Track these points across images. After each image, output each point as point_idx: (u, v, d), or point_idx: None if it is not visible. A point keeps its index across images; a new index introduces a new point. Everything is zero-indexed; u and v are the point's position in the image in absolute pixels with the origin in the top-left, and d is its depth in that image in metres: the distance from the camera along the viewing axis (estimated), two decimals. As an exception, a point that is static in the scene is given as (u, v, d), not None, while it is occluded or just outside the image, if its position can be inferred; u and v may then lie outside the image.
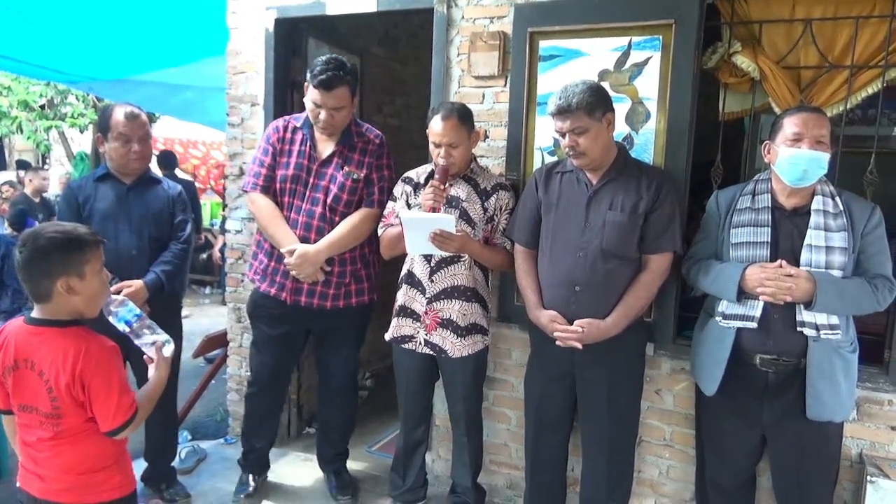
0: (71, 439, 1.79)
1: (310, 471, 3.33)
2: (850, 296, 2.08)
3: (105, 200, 2.81)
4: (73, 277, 1.74)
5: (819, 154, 2.07)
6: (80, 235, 1.78)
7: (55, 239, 1.73)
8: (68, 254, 1.74)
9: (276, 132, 2.88)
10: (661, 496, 2.78)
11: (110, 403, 1.76)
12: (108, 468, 1.86)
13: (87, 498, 1.83)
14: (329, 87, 2.65)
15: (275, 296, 2.85)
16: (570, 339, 2.32)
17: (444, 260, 2.62)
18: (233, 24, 3.50)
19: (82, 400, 1.75)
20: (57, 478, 1.81)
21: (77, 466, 1.81)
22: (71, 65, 4.99)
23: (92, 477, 1.83)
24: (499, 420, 3.03)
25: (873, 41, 2.43)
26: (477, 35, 2.85)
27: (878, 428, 2.42)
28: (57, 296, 1.74)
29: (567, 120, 2.25)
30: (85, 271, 1.76)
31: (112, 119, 2.77)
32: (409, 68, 4.91)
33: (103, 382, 1.75)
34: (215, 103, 5.09)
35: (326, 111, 2.69)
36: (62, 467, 1.80)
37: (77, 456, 1.80)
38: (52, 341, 1.76)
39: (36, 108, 9.41)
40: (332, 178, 2.80)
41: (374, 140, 2.91)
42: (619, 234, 2.32)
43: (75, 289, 1.75)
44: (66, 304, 1.76)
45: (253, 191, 2.87)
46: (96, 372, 1.74)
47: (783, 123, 2.14)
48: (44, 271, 1.73)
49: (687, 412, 2.66)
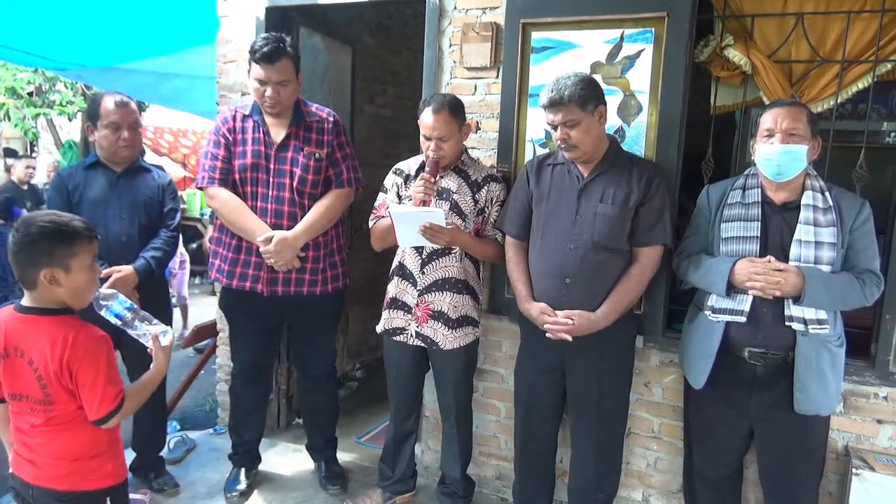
0: (62, 426, 1.79)
1: (300, 461, 3.34)
2: (838, 290, 2.10)
3: (95, 188, 2.80)
4: (57, 269, 1.72)
5: (789, 147, 2.07)
6: (72, 227, 1.76)
7: (45, 228, 1.72)
8: (55, 245, 1.72)
9: (224, 123, 2.81)
10: (649, 487, 2.80)
11: (96, 392, 1.76)
12: (101, 455, 1.86)
13: (79, 485, 1.84)
14: (271, 59, 2.61)
15: (249, 290, 2.79)
16: (560, 331, 2.33)
17: (435, 252, 2.62)
18: (223, 12, 3.47)
19: (71, 388, 1.75)
20: (50, 464, 1.81)
21: (69, 453, 1.81)
22: (59, 52, 4.94)
23: (85, 464, 1.83)
24: (488, 411, 3.04)
25: (864, 36, 2.44)
26: (469, 26, 2.84)
27: (863, 421, 2.45)
28: (41, 285, 1.73)
29: (559, 112, 2.24)
30: (71, 264, 1.74)
31: (101, 107, 2.76)
32: (401, 58, 4.89)
33: (90, 371, 1.75)
34: (205, 92, 5.04)
35: (272, 86, 2.65)
36: (55, 454, 1.81)
37: (69, 442, 1.81)
38: (40, 329, 1.75)
39: (24, 96, 9.32)
40: (294, 160, 2.76)
41: (329, 118, 2.87)
42: (610, 226, 2.32)
43: (59, 280, 1.73)
44: (50, 294, 1.76)
45: (211, 185, 2.77)
46: (84, 360, 1.74)
47: (759, 120, 2.17)
48: (29, 259, 1.72)
49: (675, 404, 2.68)
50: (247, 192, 2.77)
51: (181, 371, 4.15)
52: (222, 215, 2.80)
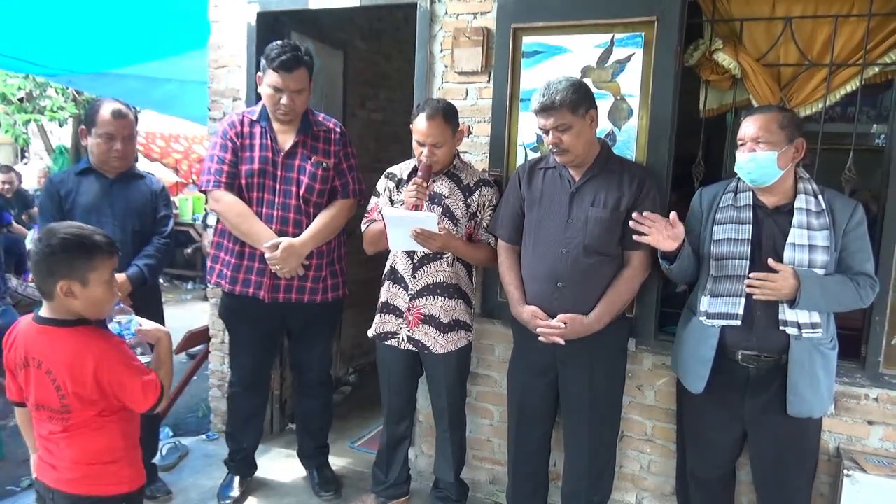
0: (80, 432, 1.82)
1: (293, 467, 3.32)
2: (833, 292, 2.10)
3: (88, 194, 2.78)
4: (74, 282, 1.73)
5: (755, 155, 2.10)
6: (93, 241, 1.76)
7: (66, 241, 1.73)
8: (74, 257, 1.73)
9: (232, 127, 2.79)
10: (642, 490, 2.81)
11: (136, 389, 1.81)
12: (118, 461, 1.89)
13: (97, 489, 1.86)
14: (290, 68, 2.61)
15: (252, 295, 2.79)
16: (553, 335, 2.33)
17: (426, 257, 2.62)
18: (214, 17, 3.47)
19: (94, 398, 1.78)
20: (68, 468, 1.84)
21: (87, 458, 1.84)
22: (50, 57, 4.92)
23: (102, 468, 1.86)
24: (481, 415, 3.04)
25: (852, 39, 2.45)
26: (460, 31, 2.85)
27: (854, 422, 2.46)
28: (57, 297, 1.74)
29: (550, 117, 2.25)
30: (89, 278, 1.74)
31: (98, 115, 2.73)
32: (392, 63, 4.89)
33: (123, 374, 1.79)
34: (196, 97, 5.03)
35: (288, 95, 2.66)
36: (73, 458, 1.84)
37: (86, 448, 1.84)
38: (58, 341, 1.77)
39: (14, 102, 9.28)
40: (301, 168, 2.77)
41: (335, 129, 2.89)
42: (602, 230, 2.33)
43: (75, 293, 1.74)
44: (66, 306, 1.76)
45: (216, 188, 2.75)
46: (114, 367, 1.78)
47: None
48: (48, 270, 1.73)
49: (668, 407, 2.69)
50: (252, 198, 2.77)
51: (174, 377, 4.13)
52: (227, 219, 2.79)
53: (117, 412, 1.85)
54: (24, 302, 5.20)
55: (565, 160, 2.35)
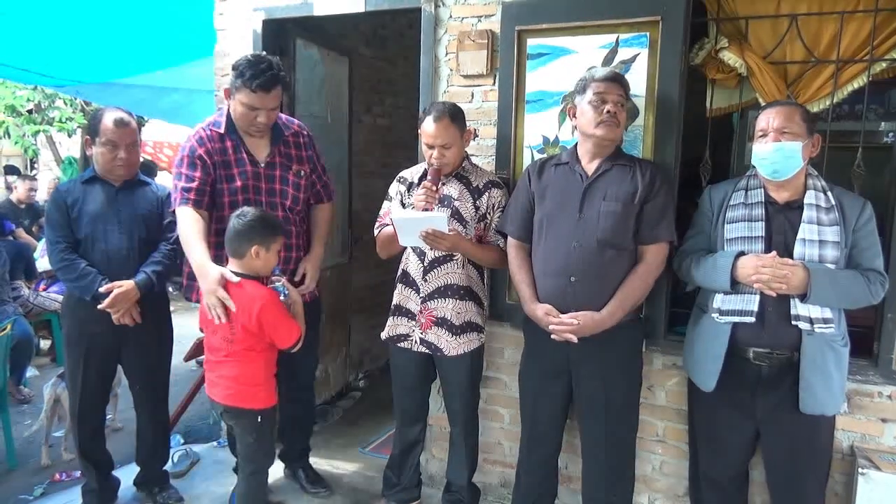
0: (238, 358, 2.46)
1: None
2: (843, 287, 2.09)
3: (94, 202, 2.80)
4: (261, 247, 2.42)
5: (781, 144, 2.09)
6: (277, 221, 2.55)
7: (263, 217, 2.46)
8: (267, 229, 2.43)
9: (202, 144, 2.68)
10: (655, 492, 2.79)
11: (283, 331, 2.46)
12: (259, 385, 2.51)
13: (242, 403, 2.50)
14: (268, 88, 2.57)
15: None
16: (565, 332, 2.32)
17: (437, 259, 2.62)
18: (220, 25, 3.49)
19: (255, 331, 2.40)
20: (225, 385, 2.50)
21: (238, 378, 2.48)
22: (58, 68, 4.96)
23: (248, 389, 2.49)
24: (492, 418, 3.03)
25: (858, 36, 2.44)
26: (465, 34, 2.86)
27: (868, 420, 2.44)
28: (248, 256, 2.42)
29: (616, 89, 2.30)
30: (271, 246, 2.45)
31: (101, 124, 2.75)
32: (397, 68, 4.91)
33: (277, 318, 2.44)
34: (204, 105, 5.05)
35: (265, 113, 2.62)
36: (229, 378, 2.49)
37: (238, 372, 2.47)
38: (241, 288, 2.42)
39: (23, 113, 9.33)
40: (283, 179, 2.77)
41: (302, 131, 2.89)
42: (615, 223, 2.32)
43: (260, 256, 2.43)
44: (250, 264, 2.44)
45: (184, 205, 2.62)
46: (271, 311, 2.42)
47: (754, 122, 2.19)
48: (248, 237, 2.41)
49: (679, 407, 2.67)
50: None
51: (184, 384, 4.14)
52: (180, 236, 2.67)
53: (264, 351, 2.48)
54: (35, 311, 5.23)
55: (613, 136, 2.34)
